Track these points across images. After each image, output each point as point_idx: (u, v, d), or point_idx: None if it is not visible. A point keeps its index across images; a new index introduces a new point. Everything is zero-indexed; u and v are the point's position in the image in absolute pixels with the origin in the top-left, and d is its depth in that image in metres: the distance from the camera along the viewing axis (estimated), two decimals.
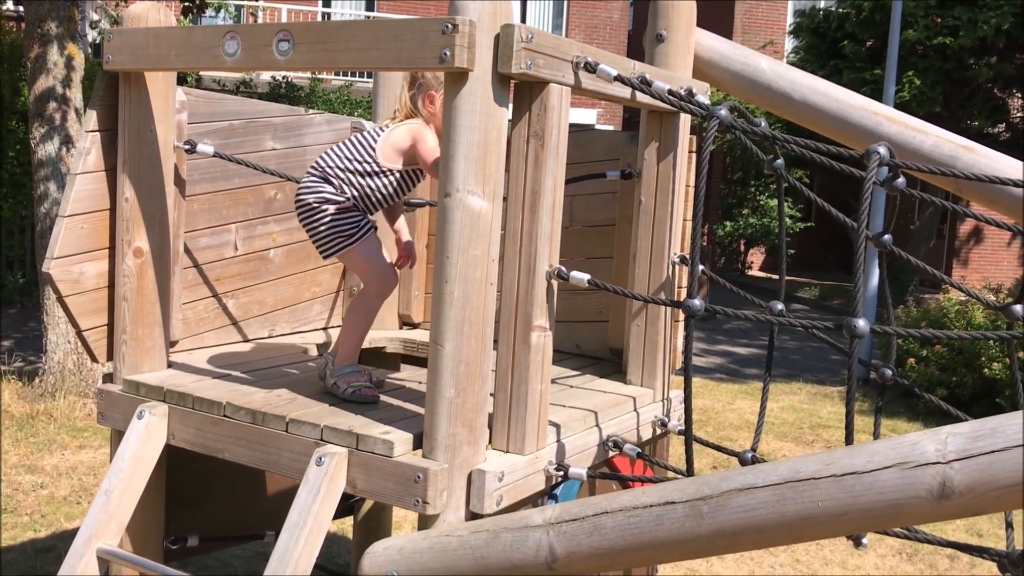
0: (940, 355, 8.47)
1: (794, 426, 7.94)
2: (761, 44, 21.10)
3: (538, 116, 2.14)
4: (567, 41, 2.19)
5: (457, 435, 2.08)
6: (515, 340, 2.20)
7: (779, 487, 1.62)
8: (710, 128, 2.08)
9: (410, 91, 2.66)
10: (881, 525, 1.61)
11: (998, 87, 16.21)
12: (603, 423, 2.57)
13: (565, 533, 1.83)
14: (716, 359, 11.48)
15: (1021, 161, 7.01)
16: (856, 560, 5.05)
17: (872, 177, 1.90)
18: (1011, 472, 1.44)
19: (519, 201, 2.17)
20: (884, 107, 2.79)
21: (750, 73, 2.91)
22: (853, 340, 1.89)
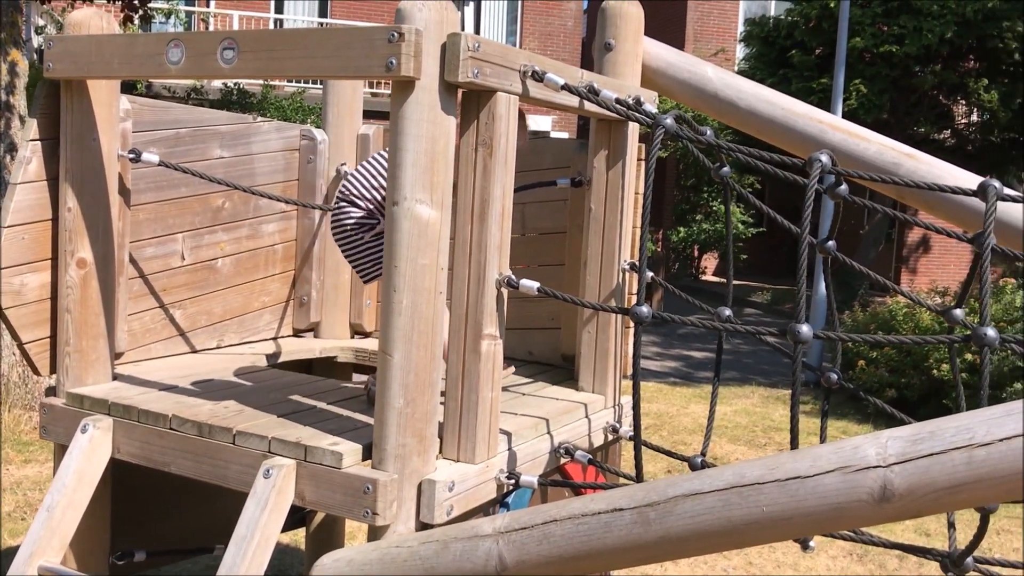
0: (889, 357, 8.62)
1: (747, 429, 8.03)
2: (713, 52, 21.35)
3: (486, 125, 2.14)
4: (514, 50, 2.20)
5: (407, 445, 2.07)
6: (465, 349, 2.19)
7: (725, 492, 1.64)
8: (656, 137, 2.10)
9: None
10: (825, 528, 1.63)
11: (943, 94, 16.56)
12: (555, 430, 2.58)
13: (515, 542, 1.82)
14: (671, 363, 11.57)
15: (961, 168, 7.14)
16: (808, 562, 5.11)
17: (814, 184, 1.93)
18: (948, 474, 1.47)
19: (468, 210, 2.17)
20: (828, 115, 2.84)
21: (697, 81, 2.94)
22: (797, 346, 1.92)
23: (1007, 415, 1.46)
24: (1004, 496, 1.49)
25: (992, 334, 1.76)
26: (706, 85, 2.93)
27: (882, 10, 15.06)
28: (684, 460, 2.55)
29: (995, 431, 1.45)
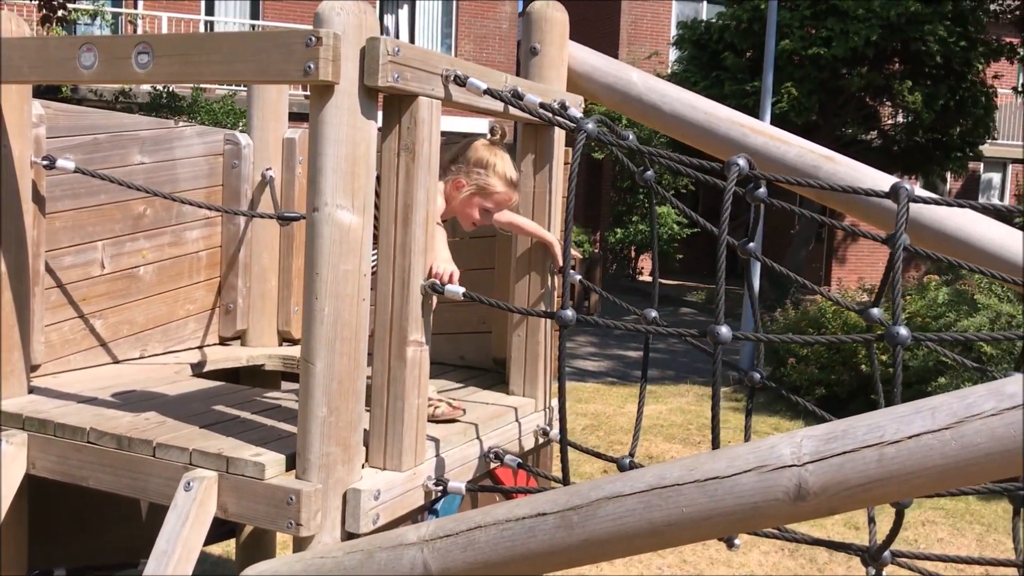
0: (819, 355, 8.79)
1: (682, 427, 8.12)
2: (646, 55, 21.57)
3: (408, 129, 2.13)
4: (436, 54, 2.19)
5: (331, 454, 2.04)
6: (390, 355, 2.18)
7: (645, 494, 1.65)
8: (578, 141, 2.11)
9: (453, 159, 2.65)
10: (743, 528, 1.65)
11: (869, 96, 16.98)
12: (484, 435, 2.57)
13: (440, 549, 1.81)
14: (607, 363, 11.65)
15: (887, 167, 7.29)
16: (741, 558, 5.19)
17: (731, 188, 1.96)
18: (860, 472, 1.50)
19: (391, 214, 2.16)
20: (750, 119, 2.88)
21: (622, 86, 2.96)
22: (717, 346, 1.94)
23: (915, 413, 1.49)
24: (914, 492, 1.53)
25: (904, 333, 1.80)
26: (631, 89, 2.96)
27: (810, 13, 15.39)
28: (612, 461, 2.56)
29: (904, 429, 1.48)
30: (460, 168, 2.62)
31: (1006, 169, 24.69)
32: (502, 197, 2.64)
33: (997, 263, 2.50)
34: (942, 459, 1.45)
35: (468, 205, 2.64)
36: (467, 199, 2.62)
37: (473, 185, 2.60)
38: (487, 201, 2.63)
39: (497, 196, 2.63)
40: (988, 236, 2.53)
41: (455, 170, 2.63)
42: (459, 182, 2.61)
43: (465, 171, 2.61)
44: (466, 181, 2.60)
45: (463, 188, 2.61)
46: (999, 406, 1.42)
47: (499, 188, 2.62)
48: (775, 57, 12.43)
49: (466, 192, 2.61)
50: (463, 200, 2.62)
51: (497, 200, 2.64)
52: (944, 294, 8.17)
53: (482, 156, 2.61)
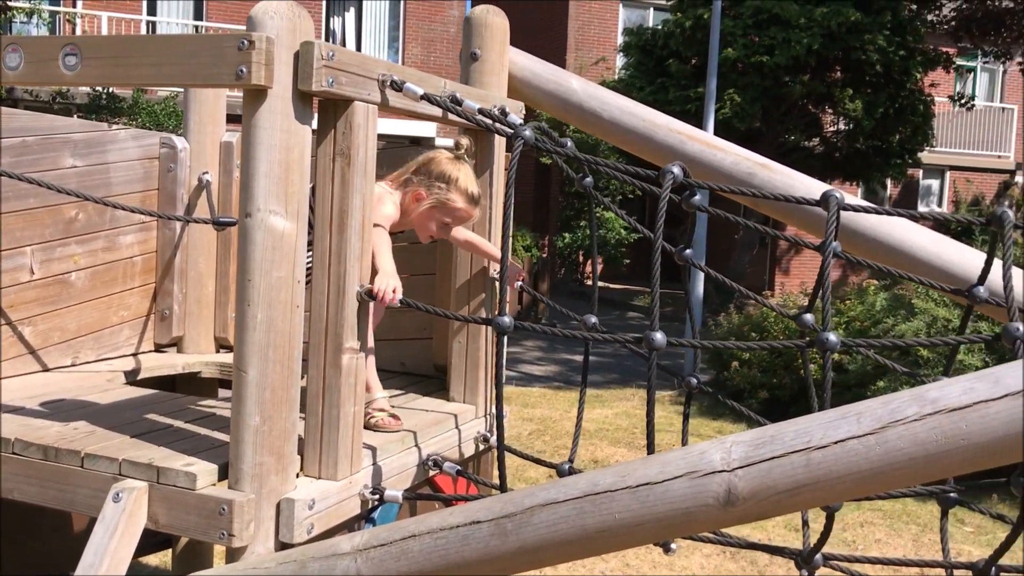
0: (761, 358, 8.91)
1: (627, 431, 8.17)
2: (594, 61, 21.72)
3: (344, 134, 2.11)
4: (372, 59, 2.18)
5: (264, 464, 2.01)
6: (325, 363, 2.15)
7: (579, 501, 1.65)
8: (515, 148, 2.10)
9: (415, 170, 2.62)
10: (675, 533, 1.66)
11: (811, 103, 17.29)
12: (423, 442, 2.56)
13: (373, 559, 1.80)
14: (554, 368, 11.68)
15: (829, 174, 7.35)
16: (683, 561, 5.23)
17: (666, 195, 1.97)
18: (789, 477, 1.51)
19: (326, 220, 2.14)
20: (687, 126, 2.91)
21: (562, 93, 2.97)
22: (652, 353, 1.95)
23: (841, 418, 1.51)
24: (840, 496, 1.55)
25: (833, 339, 1.83)
26: (571, 96, 2.97)
27: (753, 22, 15.63)
28: (552, 467, 2.57)
29: (831, 434, 1.50)
30: (421, 180, 2.59)
31: (944, 176, 25.31)
32: (462, 213, 2.61)
33: (927, 269, 2.55)
34: (867, 464, 1.47)
35: (427, 218, 2.61)
36: (426, 212, 2.59)
37: (433, 199, 2.57)
38: (446, 216, 2.60)
39: (457, 212, 2.60)
40: (919, 243, 2.59)
41: (416, 181, 2.60)
42: (419, 194, 2.58)
43: (426, 184, 2.58)
44: (426, 194, 2.57)
45: (423, 200, 2.58)
46: (921, 411, 1.45)
47: (459, 204, 2.58)
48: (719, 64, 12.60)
49: (425, 205, 2.58)
50: (422, 213, 2.59)
51: (457, 216, 2.61)
52: (882, 299, 8.34)
53: (445, 170, 2.58)
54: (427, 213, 2.59)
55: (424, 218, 2.61)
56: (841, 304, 8.91)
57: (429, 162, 2.62)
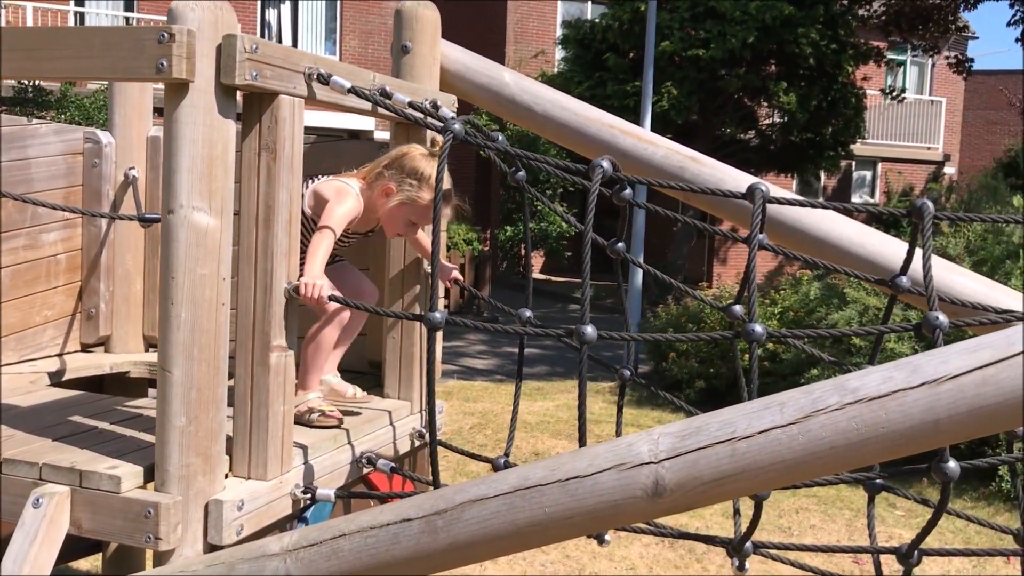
0: (699, 349, 9.02)
1: (568, 423, 8.21)
2: (533, 54, 21.74)
3: (269, 128, 2.08)
4: (298, 52, 2.14)
5: (191, 465, 1.97)
6: (253, 362, 2.12)
7: (509, 496, 1.65)
8: (444, 142, 2.09)
9: (388, 164, 2.54)
10: (605, 525, 1.67)
11: (747, 96, 17.53)
12: (356, 440, 2.53)
13: (303, 559, 1.77)
14: (496, 361, 11.69)
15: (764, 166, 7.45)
16: (622, 551, 5.28)
17: (595, 189, 1.97)
18: (714, 467, 1.53)
19: (252, 216, 2.10)
20: (619, 120, 2.92)
21: (495, 86, 2.96)
22: (583, 346, 1.96)
23: (765, 408, 1.53)
24: (765, 486, 1.57)
25: (759, 330, 1.85)
26: (503, 90, 2.96)
27: (689, 15, 15.78)
28: (487, 461, 2.56)
29: (755, 424, 1.52)
30: (393, 175, 2.52)
31: (876, 167, 25.88)
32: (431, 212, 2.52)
33: (853, 260, 2.60)
34: (790, 453, 1.49)
35: (395, 215, 2.54)
36: (395, 209, 2.52)
37: (403, 195, 2.50)
38: (414, 215, 2.54)
39: (427, 208, 2.52)
40: (845, 234, 2.63)
41: (387, 176, 2.52)
42: (388, 188, 2.51)
43: (397, 179, 2.51)
44: (396, 189, 2.50)
45: (392, 196, 2.51)
46: (843, 401, 1.47)
47: (428, 199, 2.50)
48: (656, 58, 12.71)
49: (395, 201, 2.51)
50: (390, 209, 2.52)
51: (426, 215, 2.53)
52: (816, 289, 8.50)
53: (418, 166, 2.52)
54: (395, 210, 2.53)
55: (392, 214, 2.54)
56: (776, 294, 9.06)
57: (402, 157, 2.54)
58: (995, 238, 7.68)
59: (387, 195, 2.51)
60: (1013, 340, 1.42)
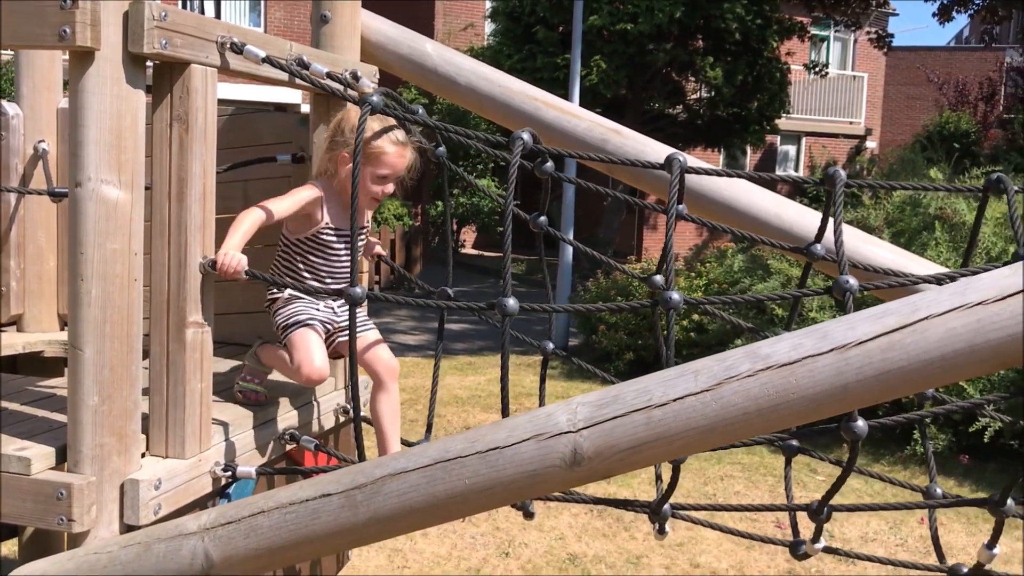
0: (627, 321, 9.12)
1: (499, 397, 8.24)
2: (462, 27, 21.58)
3: (181, 99, 2.02)
4: (211, 20, 2.09)
5: (105, 445, 1.93)
6: (168, 338, 2.07)
7: (429, 469, 1.65)
8: (362, 114, 2.06)
9: (330, 140, 2.44)
10: (525, 495, 1.68)
11: (674, 71, 17.67)
12: (280, 416, 2.50)
13: (221, 537, 1.75)
14: (427, 336, 11.66)
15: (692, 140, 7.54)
16: (551, 521, 5.33)
17: (516, 162, 1.97)
18: (630, 435, 1.55)
19: (165, 189, 2.05)
20: (543, 93, 2.92)
21: (417, 57, 2.93)
22: (505, 319, 1.96)
23: (680, 376, 1.55)
24: (682, 451, 1.60)
25: (676, 297, 1.88)
26: (426, 61, 2.93)
27: None
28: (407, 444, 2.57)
29: (669, 392, 1.54)
30: (339, 143, 2.40)
31: (800, 141, 26.38)
32: (394, 159, 2.40)
33: (770, 230, 2.64)
34: (704, 419, 1.52)
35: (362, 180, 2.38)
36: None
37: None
38: (380, 167, 2.40)
39: (388, 158, 2.39)
40: (762, 205, 2.68)
41: (337, 147, 2.41)
42: (342, 156, 2.38)
43: (343, 143, 2.39)
44: (348, 153, 2.34)
45: (348, 160, 2.35)
46: (754, 367, 1.50)
47: (389, 149, 2.38)
48: (584, 32, 12.72)
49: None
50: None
51: (390, 163, 2.40)
52: (740, 260, 8.65)
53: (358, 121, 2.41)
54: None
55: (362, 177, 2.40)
56: (702, 266, 9.19)
57: (340, 122, 2.43)
58: (913, 210, 7.89)
59: (346, 164, 2.37)
60: (918, 306, 1.46)
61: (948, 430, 6.81)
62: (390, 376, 2.55)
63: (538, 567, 4.81)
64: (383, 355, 2.56)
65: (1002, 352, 1.42)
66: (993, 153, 19.46)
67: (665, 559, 4.96)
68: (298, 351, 2.37)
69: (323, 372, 2.37)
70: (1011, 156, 16.89)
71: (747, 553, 5.04)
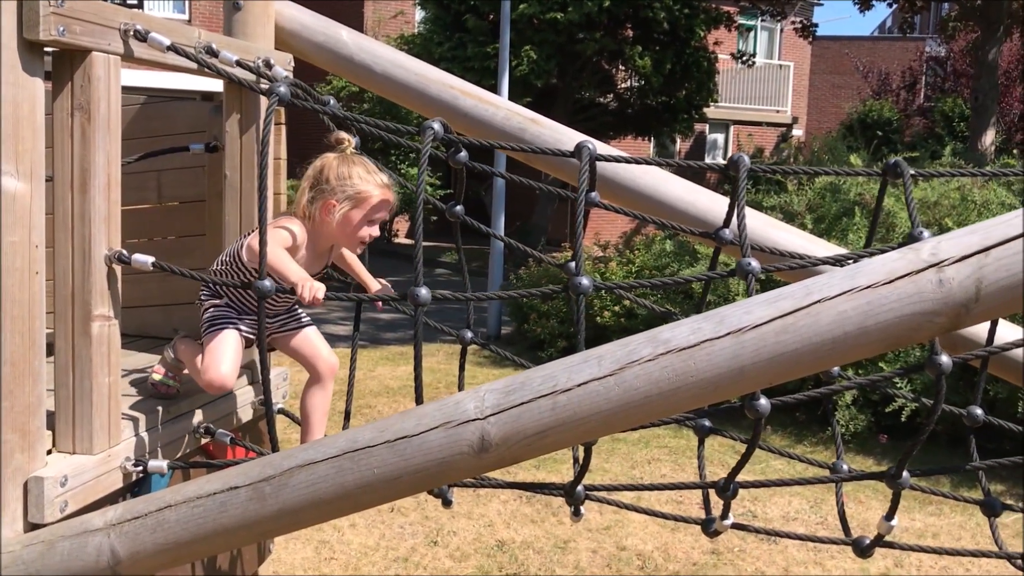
0: (559, 309, 9.18)
1: (431, 387, 8.23)
2: (392, 14, 21.41)
3: (82, 88, 1.98)
4: (112, 6, 2.04)
5: (8, 442, 1.88)
6: (74, 332, 2.03)
7: (338, 459, 1.65)
8: (269, 105, 2.04)
9: (311, 186, 2.36)
10: (434, 483, 1.69)
11: (605, 60, 17.79)
12: (195, 409, 2.47)
13: (127, 533, 1.73)
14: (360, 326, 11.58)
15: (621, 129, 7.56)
16: (481, 509, 5.36)
17: (427, 151, 1.97)
18: (536, 421, 1.57)
19: (67, 180, 2.00)
20: (460, 81, 2.91)
21: (332, 45, 2.90)
22: (417, 309, 1.97)
23: (584, 362, 1.58)
24: (588, 435, 1.62)
25: (586, 282, 1.90)
26: (341, 49, 2.91)
27: None
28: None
29: (575, 377, 1.57)
30: (322, 191, 2.36)
31: (728, 130, 26.79)
32: (381, 201, 2.40)
33: (684, 216, 2.69)
34: (607, 404, 1.55)
35: (350, 223, 2.37)
36: (346, 217, 2.36)
37: (346, 201, 2.34)
38: (369, 212, 2.40)
39: (375, 200, 2.38)
40: (675, 193, 2.72)
41: (319, 196, 2.37)
42: (329, 204, 2.34)
43: (329, 191, 2.35)
44: (336, 200, 2.34)
45: (336, 208, 2.34)
46: (655, 352, 1.53)
47: (375, 192, 2.37)
48: (514, 21, 12.72)
49: (341, 211, 2.35)
50: (342, 221, 2.36)
51: (379, 206, 2.40)
52: (668, 246, 8.76)
53: (341, 170, 2.36)
54: (347, 218, 2.37)
55: (347, 226, 2.38)
56: (631, 253, 9.30)
57: (320, 171, 2.40)
58: (833, 196, 8.08)
59: (330, 211, 2.36)
60: (811, 290, 1.50)
61: (868, 410, 7.01)
62: (329, 373, 2.58)
63: (466, 554, 4.83)
64: (323, 352, 2.57)
65: (891, 333, 1.47)
66: (912, 141, 20.02)
67: (592, 543, 5.02)
68: (210, 353, 2.32)
69: (226, 381, 2.30)
70: (929, 144, 17.40)
71: (672, 535, 5.13)
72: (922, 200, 7.64)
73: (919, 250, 1.47)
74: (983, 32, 15.56)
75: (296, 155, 2.89)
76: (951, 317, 1.44)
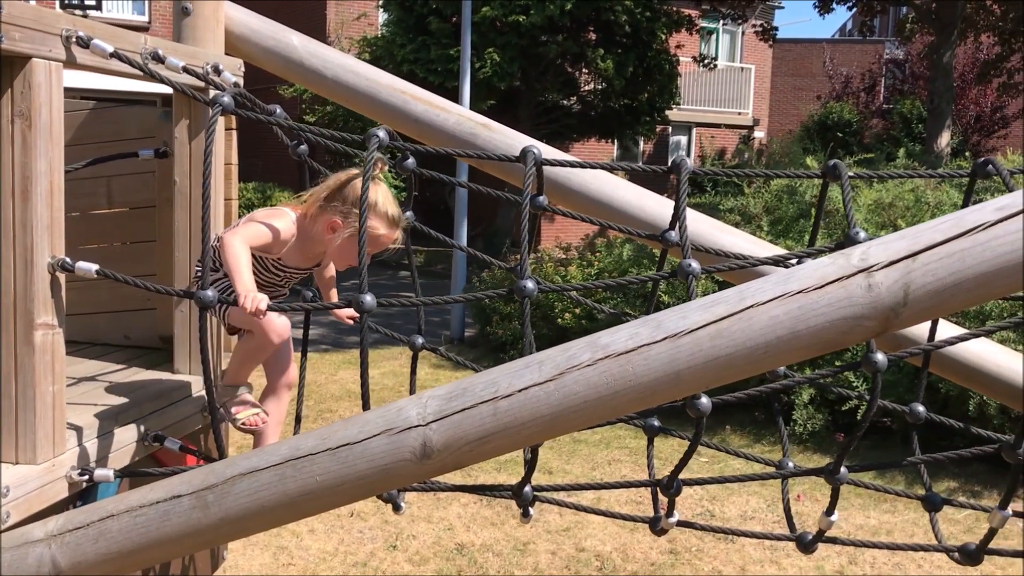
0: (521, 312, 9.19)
1: (393, 391, 8.22)
2: (355, 16, 21.31)
3: (22, 95, 1.96)
4: (54, 13, 2.03)
5: None
6: (16, 341, 2.01)
7: (280, 467, 1.65)
8: (212, 115, 2.03)
9: (328, 196, 2.33)
10: (377, 490, 1.70)
11: (568, 63, 17.84)
12: (144, 417, 2.45)
13: (69, 544, 1.72)
14: (320, 331, 11.52)
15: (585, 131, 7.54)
16: (441, 512, 5.36)
17: (371, 159, 1.98)
18: (478, 426, 1.58)
19: (8, 188, 1.98)
20: (411, 86, 2.92)
21: (282, 49, 2.90)
22: (363, 315, 1.97)
23: (525, 367, 1.59)
24: (529, 440, 1.64)
25: (531, 286, 1.92)
26: (291, 53, 2.90)
27: None
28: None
29: (515, 383, 1.58)
30: (336, 207, 2.33)
31: (691, 132, 26.98)
32: (384, 239, 2.37)
33: (633, 220, 2.71)
34: (548, 409, 1.56)
35: (347, 249, 2.35)
36: (346, 243, 2.33)
37: (352, 227, 2.30)
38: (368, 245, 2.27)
39: (379, 239, 2.35)
40: (625, 197, 2.75)
41: (330, 209, 2.34)
42: (335, 223, 2.32)
43: (342, 211, 2.32)
44: (343, 223, 2.31)
45: (339, 231, 2.32)
46: (594, 357, 1.55)
47: (382, 231, 2.34)
48: (477, 23, 12.72)
49: (344, 235, 2.32)
50: (342, 244, 2.34)
51: (379, 243, 2.37)
52: (628, 250, 8.82)
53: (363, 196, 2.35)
54: (347, 244, 2.34)
55: (343, 249, 2.37)
56: (592, 256, 9.34)
57: (344, 186, 2.36)
58: (789, 198, 8.18)
59: (333, 230, 2.33)
60: (745, 295, 1.53)
61: (825, 410, 7.11)
62: (286, 384, 2.58)
63: (425, 558, 4.83)
64: (283, 362, 2.57)
65: (822, 337, 1.50)
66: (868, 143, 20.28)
67: (552, 544, 5.05)
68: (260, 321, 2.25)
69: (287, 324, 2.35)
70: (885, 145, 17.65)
71: (631, 535, 5.17)
72: (877, 201, 7.76)
73: (850, 255, 1.50)
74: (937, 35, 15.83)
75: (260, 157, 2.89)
76: (880, 321, 1.47)
